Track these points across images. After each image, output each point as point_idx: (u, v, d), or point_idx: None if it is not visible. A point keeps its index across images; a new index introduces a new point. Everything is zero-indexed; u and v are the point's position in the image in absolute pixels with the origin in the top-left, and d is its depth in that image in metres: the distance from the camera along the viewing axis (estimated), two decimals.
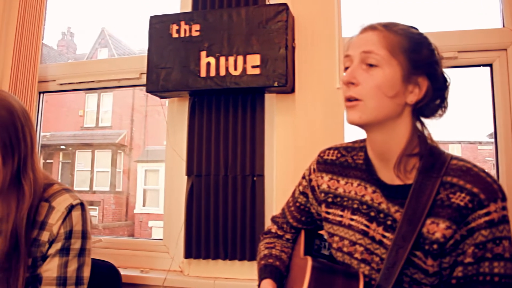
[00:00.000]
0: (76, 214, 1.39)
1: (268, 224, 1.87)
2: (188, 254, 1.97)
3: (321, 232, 1.33)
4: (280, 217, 1.40)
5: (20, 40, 2.37)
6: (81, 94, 16.45)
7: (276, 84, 1.82)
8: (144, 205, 15.55)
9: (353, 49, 1.06)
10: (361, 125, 1.07)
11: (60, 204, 1.38)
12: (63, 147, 16.34)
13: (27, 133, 1.36)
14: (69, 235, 1.36)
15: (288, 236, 1.38)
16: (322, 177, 1.24)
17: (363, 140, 1.20)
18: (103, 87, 2.45)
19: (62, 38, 19.76)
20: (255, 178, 1.92)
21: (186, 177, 2.03)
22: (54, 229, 1.35)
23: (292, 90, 1.94)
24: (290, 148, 1.93)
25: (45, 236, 1.36)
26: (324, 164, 1.25)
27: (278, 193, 1.93)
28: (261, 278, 1.26)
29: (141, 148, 16.32)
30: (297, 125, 1.92)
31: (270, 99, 2.00)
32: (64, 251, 1.35)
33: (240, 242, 1.90)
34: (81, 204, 1.41)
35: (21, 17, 2.39)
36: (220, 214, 1.93)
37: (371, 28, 1.06)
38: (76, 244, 1.37)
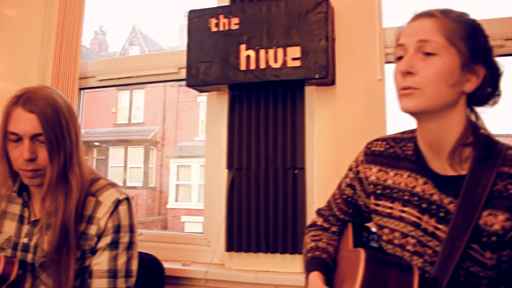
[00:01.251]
0: (123, 208, 1.41)
1: (310, 217, 1.87)
2: (230, 247, 1.97)
3: (368, 224, 1.32)
4: (326, 210, 1.39)
5: (61, 37, 2.41)
6: (114, 91, 16.76)
7: (317, 76, 1.80)
8: (176, 200, 15.76)
9: (408, 38, 1.03)
10: (415, 114, 1.04)
11: (107, 198, 1.41)
12: (97, 143, 16.69)
13: (72, 128, 1.39)
14: (117, 229, 1.39)
15: (334, 228, 1.36)
16: (370, 169, 1.22)
17: (412, 131, 1.17)
18: (141, 82, 2.47)
19: (95, 37, 20.16)
20: (296, 171, 1.91)
21: (226, 170, 2.04)
22: (102, 223, 1.38)
23: (333, 82, 1.92)
24: (331, 141, 1.91)
25: (92, 230, 1.39)
26: (372, 156, 1.23)
27: (319, 186, 1.91)
28: (308, 270, 1.25)
29: (173, 144, 16.51)
30: (338, 118, 1.90)
31: (310, 91, 1.98)
32: (114, 245, 1.38)
33: (282, 235, 1.89)
34: (127, 199, 1.44)
35: (61, 15, 2.43)
36: (261, 207, 1.92)
37: (427, 15, 1.02)
38: (124, 238, 1.40)
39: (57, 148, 1.33)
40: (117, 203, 1.40)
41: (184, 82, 2.07)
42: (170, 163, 16.05)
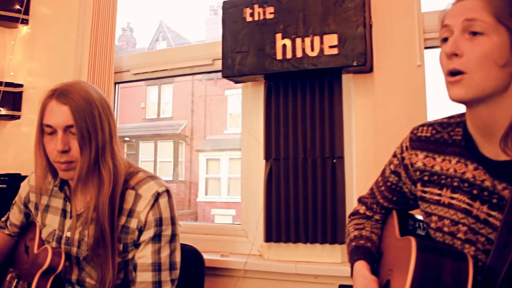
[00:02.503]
0: (163, 201, 1.41)
1: (349, 206, 1.85)
2: (269, 238, 1.97)
3: (411, 212, 1.29)
4: (369, 198, 1.37)
5: (96, 32, 2.44)
6: (142, 86, 16.97)
7: (355, 63, 1.77)
8: (206, 194, 15.88)
9: (453, 18, 1.00)
10: (466, 102, 1.01)
11: (147, 191, 1.41)
12: (127, 139, 16.93)
13: (105, 121, 1.38)
14: (159, 222, 1.39)
15: (377, 216, 1.34)
16: (416, 155, 1.19)
17: (461, 115, 1.13)
18: (176, 75, 2.48)
19: (122, 33, 20.42)
20: (334, 161, 1.89)
21: (263, 161, 2.03)
22: (142, 216, 1.38)
23: (371, 70, 1.88)
24: (369, 129, 1.87)
25: (133, 223, 1.39)
26: (418, 141, 1.19)
27: (358, 175, 1.89)
28: (353, 259, 1.23)
29: (202, 138, 16.62)
30: (376, 105, 1.86)
31: (347, 79, 1.95)
32: (156, 238, 1.38)
33: (321, 225, 1.87)
34: (167, 191, 1.43)
35: (96, 10, 2.46)
36: (300, 198, 1.91)
37: None
38: (167, 230, 1.40)
39: (89, 140, 1.33)
40: (157, 196, 1.40)
41: (213, 75, 2.08)
42: (199, 156, 16.18)
